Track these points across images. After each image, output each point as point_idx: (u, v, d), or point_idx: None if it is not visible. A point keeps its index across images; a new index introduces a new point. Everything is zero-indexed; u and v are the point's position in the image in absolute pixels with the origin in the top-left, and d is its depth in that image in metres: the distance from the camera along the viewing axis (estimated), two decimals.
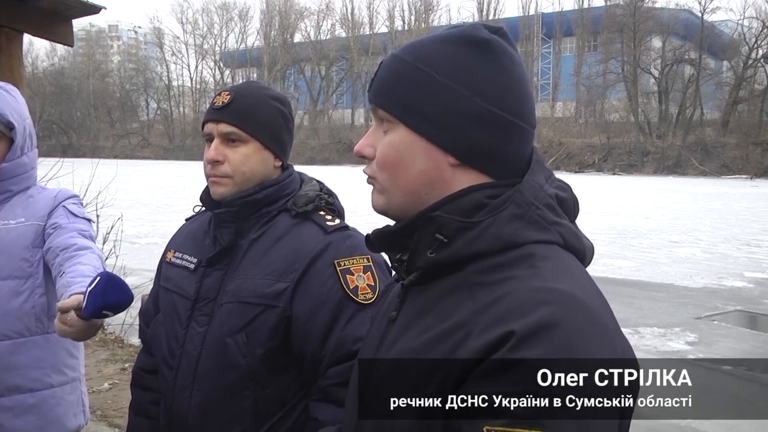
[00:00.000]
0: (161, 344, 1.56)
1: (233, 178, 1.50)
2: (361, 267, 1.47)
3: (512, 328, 0.74)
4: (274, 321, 1.44)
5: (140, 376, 1.68)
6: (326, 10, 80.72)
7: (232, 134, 1.49)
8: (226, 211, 1.51)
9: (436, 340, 0.82)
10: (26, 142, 1.95)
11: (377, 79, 0.94)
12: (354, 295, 1.44)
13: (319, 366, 1.43)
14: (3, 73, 3.61)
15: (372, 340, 1.01)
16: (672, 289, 9.62)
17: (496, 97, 0.87)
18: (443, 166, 0.89)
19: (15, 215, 1.91)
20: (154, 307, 1.65)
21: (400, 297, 0.96)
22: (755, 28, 55.24)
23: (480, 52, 0.88)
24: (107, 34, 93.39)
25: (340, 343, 1.42)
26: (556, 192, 0.90)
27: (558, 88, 65.32)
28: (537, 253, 0.83)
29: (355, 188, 1.90)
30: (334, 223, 1.52)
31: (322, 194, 1.58)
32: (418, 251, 0.89)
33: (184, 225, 1.72)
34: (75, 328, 1.47)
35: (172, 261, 1.62)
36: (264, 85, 1.63)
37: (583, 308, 0.77)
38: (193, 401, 1.48)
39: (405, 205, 0.91)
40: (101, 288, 1.41)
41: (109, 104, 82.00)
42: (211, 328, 1.48)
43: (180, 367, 1.50)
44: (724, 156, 49.14)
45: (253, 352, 1.44)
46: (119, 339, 5.96)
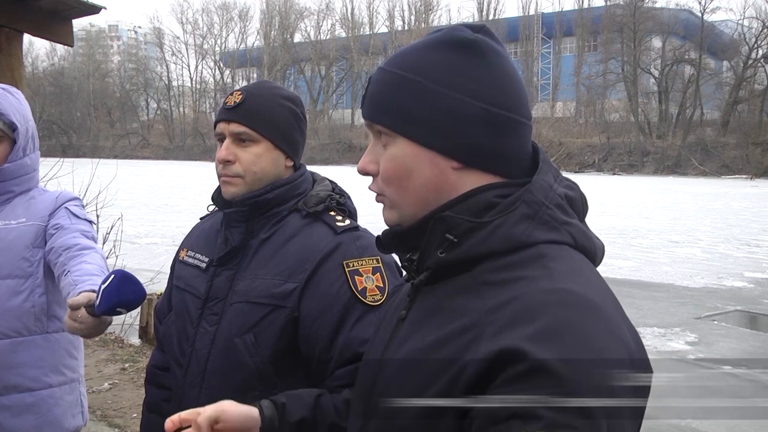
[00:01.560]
0: (172, 342, 1.57)
1: (244, 178, 1.50)
2: (370, 268, 1.47)
3: (526, 332, 0.73)
4: (283, 321, 1.44)
5: (154, 374, 1.69)
6: (326, 10, 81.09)
7: (243, 134, 1.50)
8: (237, 210, 1.51)
9: (445, 340, 0.82)
10: (29, 143, 1.96)
11: (369, 94, 0.94)
12: (362, 297, 1.43)
13: (327, 367, 1.43)
14: (3, 73, 3.61)
15: (380, 339, 1.01)
16: (672, 289, 9.62)
17: (489, 96, 0.88)
18: (447, 171, 0.89)
19: (16, 215, 1.92)
20: (168, 305, 1.66)
21: (410, 296, 0.96)
22: (755, 28, 55.27)
23: (466, 54, 0.88)
24: (107, 34, 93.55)
25: (347, 345, 1.41)
26: (565, 192, 0.90)
27: (558, 88, 65.28)
28: (548, 253, 0.83)
29: (355, 188, 1.90)
30: (344, 224, 1.52)
31: (333, 194, 1.58)
32: (428, 251, 0.89)
33: (198, 224, 1.73)
34: (85, 324, 1.48)
35: (185, 260, 1.63)
36: (276, 84, 1.63)
37: (596, 309, 0.76)
38: (202, 400, 1.47)
39: (416, 215, 0.92)
40: (116, 285, 1.42)
41: (109, 104, 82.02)
42: (220, 327, 1.48)
43: (190, 365, 1.51)
44: (724, 156, 49.10)
45: (261, 353, 1.44)
46: (119, 339, 5.96)
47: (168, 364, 1.62)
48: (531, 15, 67.89)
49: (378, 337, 1.04)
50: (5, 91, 1.93)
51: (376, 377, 0.94)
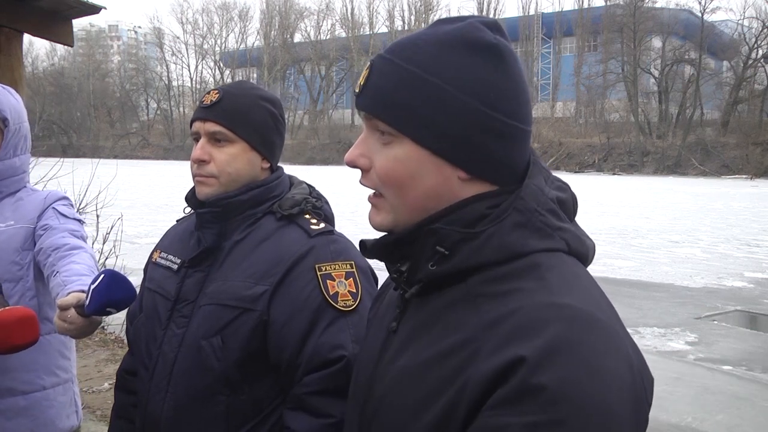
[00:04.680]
0: (140, 345, 1.54)
1: (218, 179, 1.47)
2: (343, 273, 1.43)
3: (525, 350, 0.71)
4: (251, 325, 1.40)
5: (123, 378, 1.65)
6: (326, 10, 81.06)
7: (219, 134, 1.47)
8: (210, 211, 1.48)
9: (443, 356, 0.79)
10: (20, 142, 1.94)
11: (372, 85, 0.87)
12: (333, 302, 1.39)
13: (295, 373, 1.39)
14: (3, 73, 3.60)
15: (370, 350, 0.97)
16: (672, 289, 9.61)
17: (506, 107, 0.84)
18: (452, 181, 0.85)
19: (4, 218, 1.90)
20: (139, 308, 1.61)
21: (400, 308, 0.93)
22: (755, 28, 55.25)
23: (489, 60, 0.83)
24: (107, 34, 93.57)
25: (316, 351, 1.37)
26: (557, 194, 0.88)
27: (558, 88, 65.27)
28: (542, 262, 0.81)
29: (355, 189, 1.89)
30: (318, 227, 1.49)
31: (309, 198, 1.55)
32: (419, 264, 0.86)
33: (173, 226, 1.70)
34: (75, 325, 1.46)
35: (157, 261, 1.60)
36: (255, 85, 1.60)
37: (594, 322, 0.75)
38: (167, 404, 1.44)
39: (412, 222, 0.87)
40: (105, 285, 1.40)
41: (109, 104, 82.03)
42: (188, 330, 1.44)
43: (156, 368, 1.47)
44: (724, 156, 49.08)
45: (228, 357, 1.39)
46: (119, 339, 5.94)
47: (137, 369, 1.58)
48: (531, 15, 67.89)
49: (367, 348, 1.00)
50: (5, 89, 1.93)
51: (369, 394, 0.91)
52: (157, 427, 1.46)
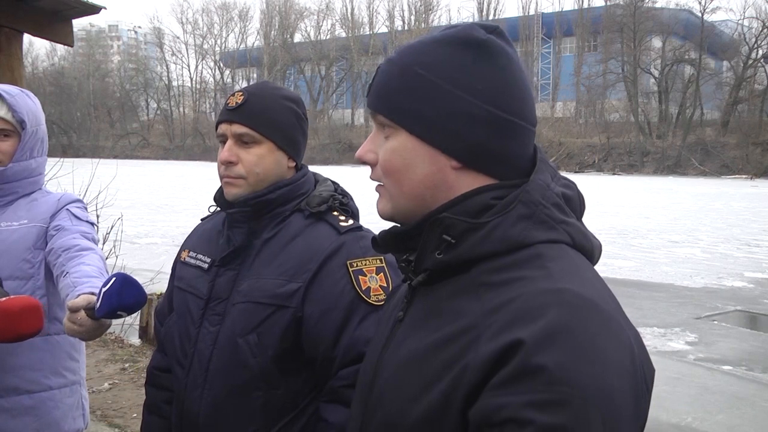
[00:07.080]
0: (174, 343, 1.57)
1: (247, 179, 1.50)
2: (374, 268, 1.47)
3: (525, 333, 0.73)
4: (286, 322, 1.43)
5: (154, 375, 1.69)
6: (326, 10, 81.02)
7: (246, 135, 1.49)
8: (240, 211, 1.51)
9: (444, 342, 0.82)
10: (37, 144, 1.97)
11: (375, 84, 0.94)
12: (366, 296, 1.43)
13: (331, 367, 1.43)
14: (3, 73, 3.61)
15: (378, 340, 1.00)
16: (672, 289, 9.62)
17: (495, 98, 0.87)
18: (446, 170, 0.88)
19: (18, 217, 1.92)
20: (169, 307, 1.65)
21: (407, 297, 0.96)
22: (755, 28, 55.25)
23: (477, 54, 0.87)
24: (107, 34, 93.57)
25: (351, 345, 1.41)
26: (562, 191, 0.90)
27: (558, 88, 65.28)
28: (545, 253, 0.83)
29: (355, 189, 1.89)
30: (347, 224, 1.52)
31: (336, 195, 1.58)
32: (425, 252, 0.89)
33: (199, 225, 1.73)
34: (84, 327, 1.47)
35: (186, 260, 1.63)
36: (277, 85, 1.63)
37: (594, 308, 0.76)
38: (204, 400, 1.48)
39: (410, 209, 0.91)
40: (117, 288, 1.41)
41: (109, 104, 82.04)
42: (223, 327, 1.48)
43: (192, 366, 1.51)
44: (724, 156, 49.10)
45: (264, 353, 1.43)
46: (119, 339, 5.96)
47: (168, 366, 1.62)
48: (531, 15, 67.91)
49: (376, 338, 1.03)
50: (24, 93, 1.96)
51: (374, 379, 0.94)
52: (196, 422, 1.49)
